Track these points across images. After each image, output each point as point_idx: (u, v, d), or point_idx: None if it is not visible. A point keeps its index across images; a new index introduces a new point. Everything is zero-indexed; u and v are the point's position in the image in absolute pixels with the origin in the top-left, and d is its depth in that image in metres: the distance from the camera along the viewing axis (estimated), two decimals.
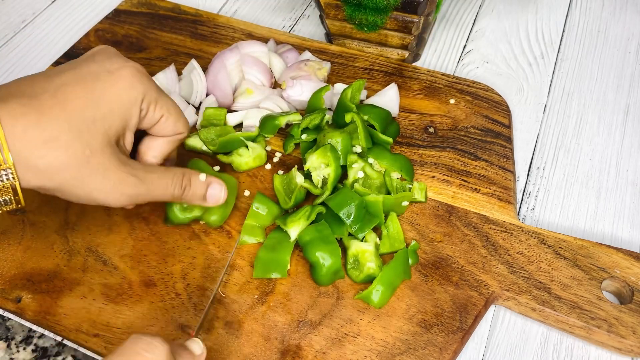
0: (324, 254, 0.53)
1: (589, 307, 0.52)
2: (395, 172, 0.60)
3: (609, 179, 0.64)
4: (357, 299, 0.53)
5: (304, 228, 0.55)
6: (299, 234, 0.55)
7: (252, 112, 0.66)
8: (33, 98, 0.44)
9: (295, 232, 0.55)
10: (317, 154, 0.59)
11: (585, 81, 0.74)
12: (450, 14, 0.84)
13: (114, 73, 0.47)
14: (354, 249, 0.55)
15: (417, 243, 0.56)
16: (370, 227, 0.56)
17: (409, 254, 0.55)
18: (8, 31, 0.84)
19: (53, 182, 0.45)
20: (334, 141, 0.60)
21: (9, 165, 0.43)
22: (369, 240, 0.56)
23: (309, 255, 0.54)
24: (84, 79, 0.46)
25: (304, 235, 0.55)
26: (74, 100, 0.45)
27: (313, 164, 0.59)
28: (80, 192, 0.46)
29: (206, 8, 0.86)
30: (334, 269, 0.54)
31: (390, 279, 0.53)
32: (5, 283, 0.55)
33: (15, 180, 0.43)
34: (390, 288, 0.53)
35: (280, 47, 0.75)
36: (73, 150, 0.44)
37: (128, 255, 0.57)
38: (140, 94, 0.48)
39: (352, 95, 0.65)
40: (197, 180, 0.53)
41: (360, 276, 0.54)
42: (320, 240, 0.54)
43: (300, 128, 0.63)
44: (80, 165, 0.45)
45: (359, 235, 0.55)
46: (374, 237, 0.56)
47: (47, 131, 0.43)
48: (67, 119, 0.44)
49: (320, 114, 0.63)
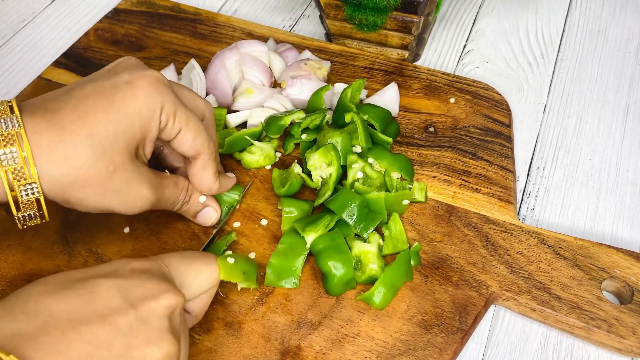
0: (336, 263, 0.53)
1: (589, 307, 0.52)
2: (396, 172, 0.60)
3: (609, 179, 0.64)
4: (359, 300, 0.53)
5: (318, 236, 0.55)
6: (312, 242, 0.55)
7: (257, 112, 0.66)
8: (55, 112, 0.44)
9: (311, 239, 0.55)
10: (319, 153, 0.59)
11: (585, 81, 0.74)
12: (450, 14, 0.83)
13: (133, 83, 0.47)
14: (357, 249, 0.55)
15: (419, 244, 0.56)
16: (374, 225, 0.56)
17: (411, 255, 0.55)
18: (8, 31, 0.84)
19: (75, 197, 0.45)
20: (334, 141, 0.60)
21: (34, 180, 0.43)
22: (372, 242, 0.56)
23: (321, 264, 0.53)
24: (104, 91, 0.46)
25: (317, 243, 0.54)
26: (94, 113, 0.44)
27: (315, 163, 0.59)
28: (100, 205, 0.47)
29: (206, 7, 0.86)
30: (346, 279, 0.53)
31: (392, 280, 0.52)
32: (5, 284, 0.55)
33: (40, 195, 0.44)
34: (392, 289, 0.53)
35: (280, 46, 0.75)
36: (97, 169, 0.44)
37: (128, 255, 0.57)
38: (159, 105, 0.47)
39: (352, 95, 0.65)
40: (196, 199, 0.55)
41: (363, 277, 0.54)
42: (333, 249, 0.54)
43: (301, 128, 0.63)
44: (104, 182, 0.45)
45: (364, 234, 0.56)
46: (377, 238, 0.56)
47: (70, 148, 0.43)
48: (89, 135, 0.44)
49: (321, 114, 0.63)
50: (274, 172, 0.62)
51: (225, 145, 0.62)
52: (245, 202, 0.61)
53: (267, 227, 0.59)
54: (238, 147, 0.63)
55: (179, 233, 0.58)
